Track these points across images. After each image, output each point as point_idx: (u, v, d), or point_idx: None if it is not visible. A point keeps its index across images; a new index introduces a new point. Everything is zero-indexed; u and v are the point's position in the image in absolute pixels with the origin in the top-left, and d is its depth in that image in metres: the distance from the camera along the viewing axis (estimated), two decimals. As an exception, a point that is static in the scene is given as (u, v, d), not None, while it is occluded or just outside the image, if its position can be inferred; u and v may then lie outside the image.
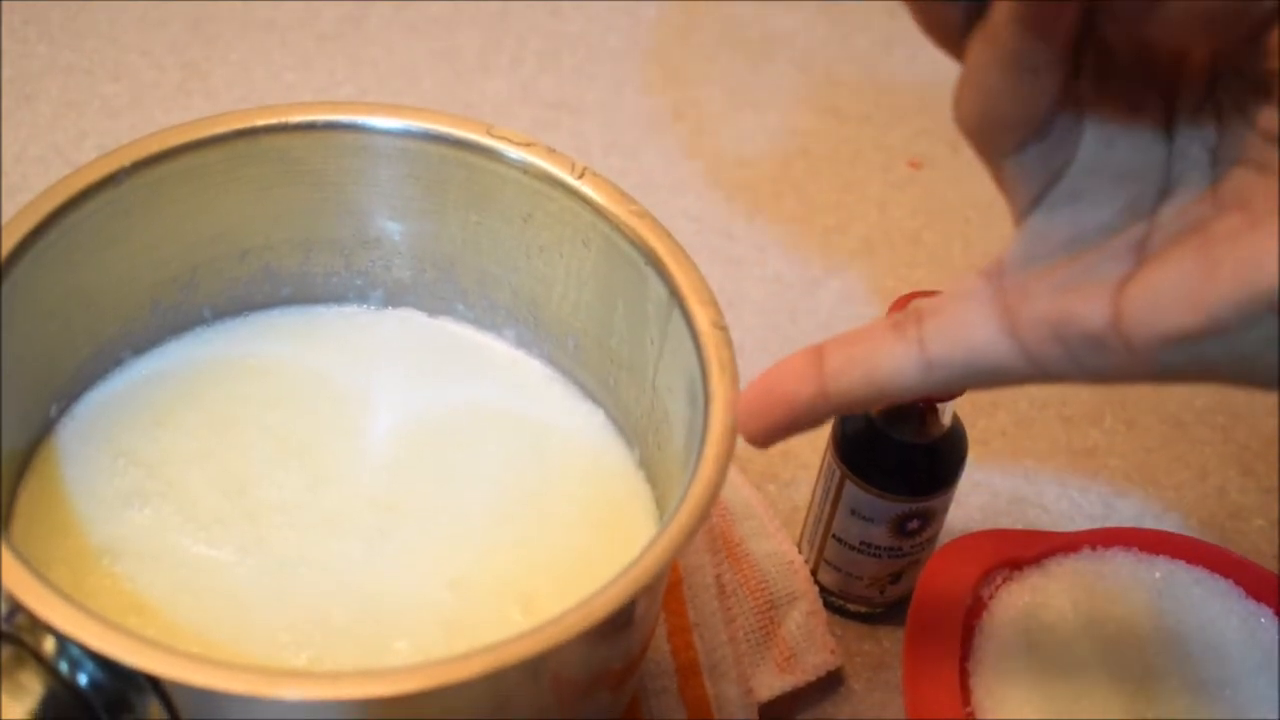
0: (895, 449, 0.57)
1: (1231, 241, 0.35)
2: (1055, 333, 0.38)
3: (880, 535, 0.59)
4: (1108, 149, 0.38)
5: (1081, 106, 0.38)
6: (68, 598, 0.40)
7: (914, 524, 0.58)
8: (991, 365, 0.39)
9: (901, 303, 0.55)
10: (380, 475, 0.52)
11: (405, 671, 0.39)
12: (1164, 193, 0.38)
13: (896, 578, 0.61)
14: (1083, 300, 0.37)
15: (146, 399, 0.53)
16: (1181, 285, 0.35)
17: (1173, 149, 0.38)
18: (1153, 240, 0.37)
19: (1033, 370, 0.39)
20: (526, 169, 0.52)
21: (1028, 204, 0.39)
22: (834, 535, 0.60)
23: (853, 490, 0.58)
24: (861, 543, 0.60)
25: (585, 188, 0.52)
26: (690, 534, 0.43)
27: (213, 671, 0.39)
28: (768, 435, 0.43)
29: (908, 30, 0.97)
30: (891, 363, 0.40)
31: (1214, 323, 0.35)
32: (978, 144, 0.39)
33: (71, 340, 0.51)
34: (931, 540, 0.60)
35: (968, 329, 0.39)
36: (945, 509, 0.59)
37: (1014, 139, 0.38)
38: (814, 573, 0.62)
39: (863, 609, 0.63)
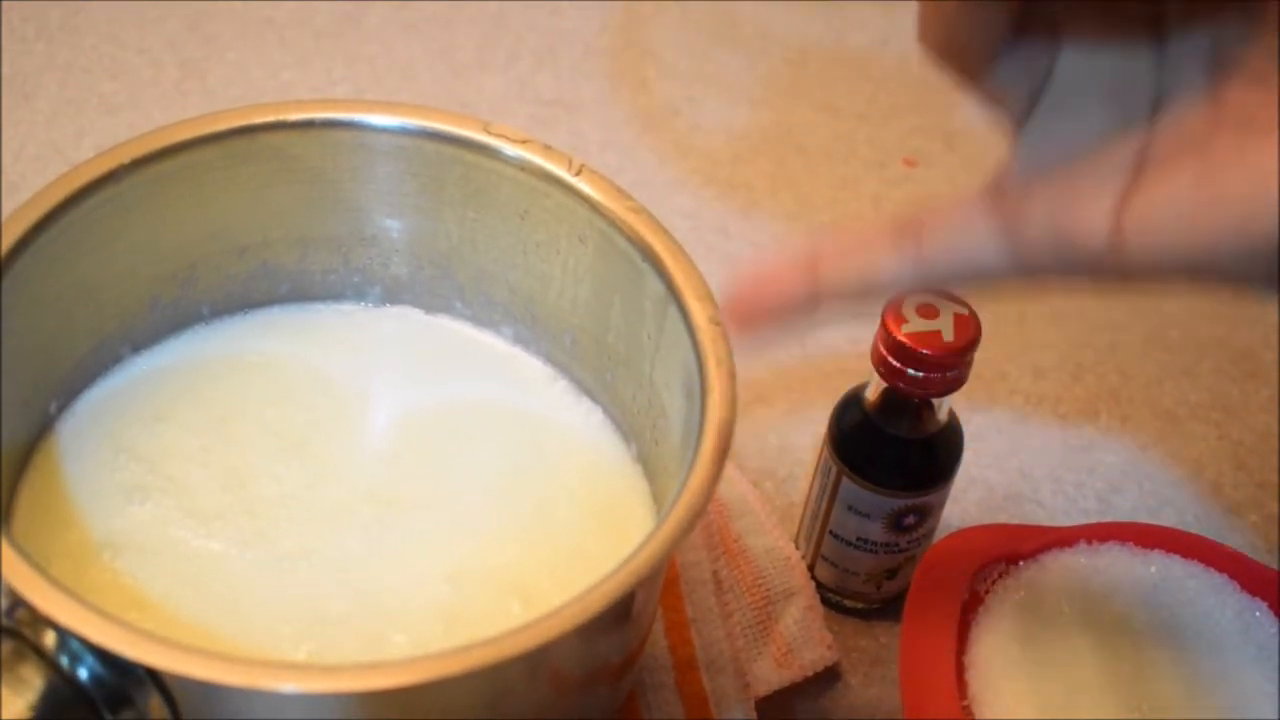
0: (891, 444, 0.58)
1: (1231, 165, 0.35)
2: (1053, 242, 0.38)
3: (877, 531, 0.59)
4: (1090, 59, 0.38)
5: (1052, 16, 0.38)
6: (68, 591, 0.40)
7: (910, 519, 0.59)
8: (982, 266, 0.39)
9: (896, 301, 0.55)
10: (379, 470, 0.52)
11: (403, 664, 0.40)
12: (1158, 102, 0.38)
13: (893, 573, 0.61)
14: (1082, 212, 0.37)
15: (146, 395, 0.53)
16: (1181, 207, 0.35)
17: (1165, 58, 0.38)
18: (1153, 151, 0.37)
19: (1023, 275, 0.39)
20: (523, 166, 0.53)
21: (1016, 118, 0.39)
22: (831, 531, 0.61)
23: (849, 486, 0.58)
24: (858, 538, 0.60)
25: (582, 184, 0.52)
26: (687, 527, 0.43)
27: (211, 663, 0.39)
28: (754, 328, 0.42)
29: (903, 27, 0.98)
30: (886, 263, 0.40)
31: (1212, 250, 0.35)
32: (946, 67, 0.38)
33: (71, 336, 0.51)
34: (928, 536, 0.60)
35: (965, 232, 0.39)
36: (942, 504, 0.60)
37: (981, 58, 0.38)
38: (811, 569, 0.63)
39: (860, 605, 0.63)
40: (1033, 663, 0.55)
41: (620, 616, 0.48)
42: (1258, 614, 0.57)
